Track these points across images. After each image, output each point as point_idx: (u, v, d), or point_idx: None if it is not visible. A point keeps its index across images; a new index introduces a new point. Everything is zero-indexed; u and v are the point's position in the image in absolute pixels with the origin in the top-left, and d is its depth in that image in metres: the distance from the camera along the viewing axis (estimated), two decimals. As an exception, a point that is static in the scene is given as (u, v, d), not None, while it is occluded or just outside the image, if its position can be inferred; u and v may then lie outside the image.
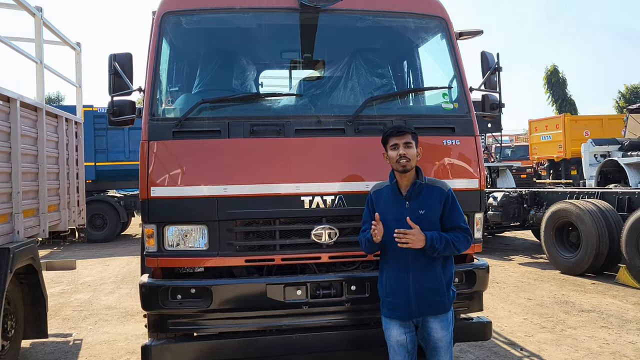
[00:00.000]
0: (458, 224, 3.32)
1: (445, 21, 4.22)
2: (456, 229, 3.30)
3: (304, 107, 4.06)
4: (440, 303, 3.30)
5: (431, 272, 3.27)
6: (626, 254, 7.89)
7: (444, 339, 3.30)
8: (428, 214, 3.26)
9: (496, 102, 4.37)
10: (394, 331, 3.33)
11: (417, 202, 3.29)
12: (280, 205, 3.69)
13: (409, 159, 3.25)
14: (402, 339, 3.31)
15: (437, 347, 3.30)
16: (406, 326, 3.32)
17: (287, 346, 3.73)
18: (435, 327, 3.29)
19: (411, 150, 3.28)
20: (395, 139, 3.30)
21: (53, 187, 5.89)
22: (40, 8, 5.63)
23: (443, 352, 3.31)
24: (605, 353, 5.09)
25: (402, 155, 3.24)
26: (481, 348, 5.31)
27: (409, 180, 3.32)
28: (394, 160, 3.28)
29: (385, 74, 4.41)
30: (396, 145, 3.28)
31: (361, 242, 3.40)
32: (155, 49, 3.87)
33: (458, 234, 3.28)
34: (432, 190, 3.32)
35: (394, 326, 3.33)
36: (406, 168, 3.26)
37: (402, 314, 3.29)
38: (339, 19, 4.16)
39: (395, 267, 3.29)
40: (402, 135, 3.29)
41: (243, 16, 4.11)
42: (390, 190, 3.35)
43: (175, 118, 3.76)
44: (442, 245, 3.18)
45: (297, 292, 3.66)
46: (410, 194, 3.30)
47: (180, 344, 3.72)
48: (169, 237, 3.65)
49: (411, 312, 3.27)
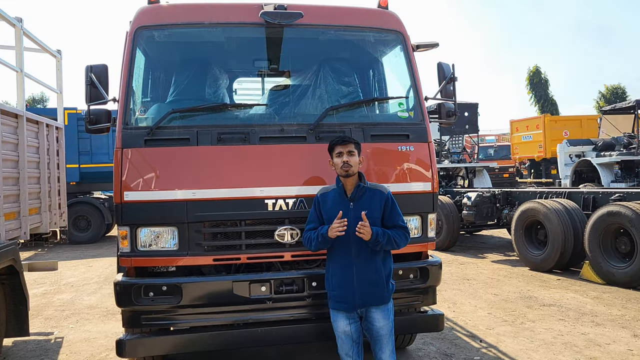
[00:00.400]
0: (397, 222, 3.66)
1: (402, 35, 4.52)
2: (396, 227, 3.64)
3: (269, 116, 4.33)
4: (381, 294, 3.62)
5: (372, 266, 3.60)
6: (589, 250, 8.25)
7: (385, 327, 3.62)
8: (370, 213, 3.58)
9: (452, 109, 4.68)
10: (340, 322, 3.64)
11: (360, 203, 3.62)
12: (246, 207, 3.97)
13: (351, 166, 3.58)
14: (348, 330, 3.63)
15: (380, 335, 3.62)
16: (351, 317, 3.64)
17: (253, 339, 4.01)
18: (377, 317, 3.61)
19: (354, 158, 3.60)
20: (340, 147, 3.62)
21: (34, 191, 6.11)
22: (21, 19, 5.84)
23: (385, 339, 3.63)
24: (557, 343, 5.43)
25: (345, 162, 3.57)
26: (443, 340, 5.62)
27: (353, 184, 3.65)
28: (338, 167, 3.62)
29: (347, 83, 4.69)
30: (341, 153, 3.61)
31: (309, 240, 3.67)
32: (128, 62, 4.11)
33: (398, 232, 3.63)
34: (374, 193, 3.66)
35: (340, 318, 3.64)
36: (348, 173, 3.59)
37: (347, 305, 3.61)
38: (303, 33, 4.44)
39: (340, 263, 3.61)
40: (346, 144, 3.62)
41: (212, 30, 4.38)
42: (337, 193, 3.67)
43: (147, 127, 4.02)
44: (384, 239, 3.53)
45: (262, 288, 3.94)
46: (354, 195, 3.63)
47: (153, 338, 3.99)
48: (142, 238, 3.91)
49: (355, 304, 3.59)
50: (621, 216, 7.74)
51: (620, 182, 14.18)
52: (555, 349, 5.27)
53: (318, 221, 3.68)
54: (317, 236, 3.60)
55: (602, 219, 8.05)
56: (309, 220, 3.74)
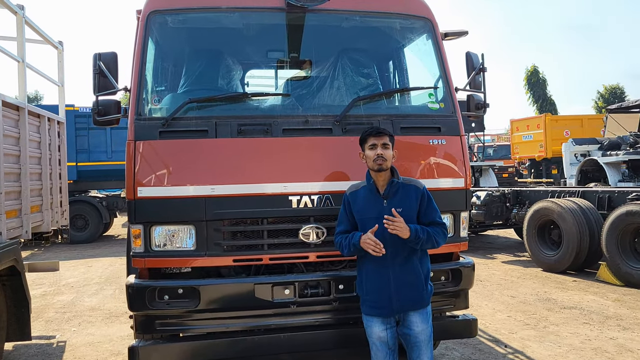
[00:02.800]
0: (434, 219, 3.40)
1: (431, 22, 4.27)
2: (433, 224, 3.38)
3: (291, 106, 4.06)
4: (420, 297, 3.36)
5: (410, 268, 3.33)
6: (606, 251, 8.03)
7: (425, 332, 3.35)
8: (405, 211, 3.32)
9: (481, 102, 4.43)
10: (375, 328, 3.37)
11: (394, 200, 3.35)
12: (268, 205, 3.69)
13: (385, 159, 3.31)
14: (384, 336, 3.35)
15: (418, 341, 3.35)
16: (387, 322, 3.37)
17: (275, 346, 3.74)
18: (416, 320, 3.34)
19: (388, 152, 3.34)
20: (374, 139, 3.35)
21: (36, 188, 5.83)
22: (22, 6, 5.56)
23: (424, 345, 3.36)
24: (587, 349, 5.18)
25: (379, 155, 3.30)
26: (466, 345, 5.37)
27: (386, 180, 3.38)
28: (371, 160, 3.34)
29: (372, 73, 4.45)
30: (374, 145, 3.33)
31: (340, 246, 3.42)
32: (141, 48, 3.85)
33: (436, 229, 3.37)
34: (408, 188, 3.39)
35: (376, 323, 3.37)
36: (382, 167, 3.32)
37: (383, 311, 3.34)
38: (326, 19, 4.18)
39: (375, 265, 3.33)
40: (381, 136, 3.35)
41: (229, 16, 4.11)
42: (368, 190, 3.40)
43: (162, 118, 3.74)
44: (425, 235, 3.26)
45: (285, 291, 3.67)
46: (387, 192, 3.36)
47: (168, 344, 3.71)
48: (156, 237, 3.64)
49: (392, 309, 3.32)
50: (641, 216, 7.51)
51: (628, 182, 13.99)
52: (585, 355, 5.02)
53: (348, 222, 3.42)
54: (348, 245, 3.33)
55: (621, 219, 7.82)
56: (339, 221, 3.47)
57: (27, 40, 5.95)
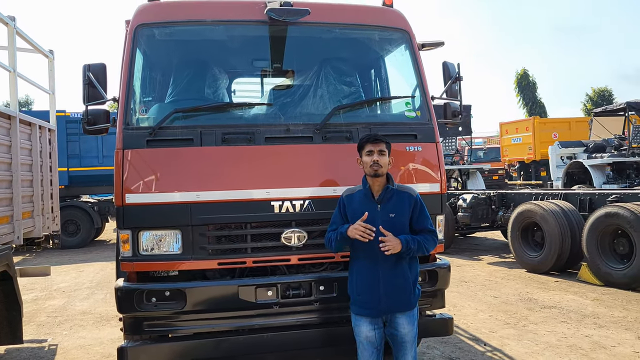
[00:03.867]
0: (426, 226, 3.56)
1: (408, 33, 4.44)
2: (424, 232, 3.54)
3: (274, 115, 4.23)
4: (407, 300, 3.52)
5: (399, 271, 3.49)
6: (587, 252, 8.24)
7: (410, 334, 3.52)
8: (398, 217, 3.48)
9: (457, 109, 4.62)
10: (363, 328, 3.52)
11: (388, 206, 3.50)
12: (251, 210, 3.86)
13: (381, 166, 3.47)
14: (371, 335, 3.51)
15: (404, 342, 3.51)
16: (375, 323, 3.52)
17: (259, 345, 3.89)
18: (402, 322, 3.51)
19: (384, 158, 3.49)
20: (371, 145, 3.51)
21: (27, 194, 5.94)
22: (14, 17, 5.68)
23: (409, 346, 3.53)
24: (562, 346, 5.37)
25: (375, 161, 3.46)
26: (447, 344, 5.54)
27: (381, 186, 3.53)
28: (367, 165, 3.49)
29: (352, 83, 4.61)
30: (371, 151, 3.49)
31: (329, 240, 3.57)
32: (129, 60, 3.99)
33: (427, 236, 3.53)
34: (402, 195, 3.55)
35: (364, 323, 3.52)
36: (378, 173, 3.47)
37: (372, 311, 3.50)
38: (307, 31, 4.34)
39: (366, 267, 3.49)
40: (378, 143, 3.51)
41: (214, 28, 4.27)
42: (363, 194, 3.55)
43: (149, 127, 3.89)
44: (415, 245, 3.43)
45: (268, 292, 3.83)
46: (382, 198, 3.51)
47: (156, 345, 3.85)
48: (144, 242, 3.78)
49: (381, 310, 3.48)
50: (619, 217, 7.73)
51: (612, 184, 14.25)
52: (561, 352, 5.21)
53: (341, 223, 3.56)
54: (337, 235, 3.49)
55: (600, 220, 8.04)
56: (332, 221, 3.63)
57: (19, 49, 6.06)
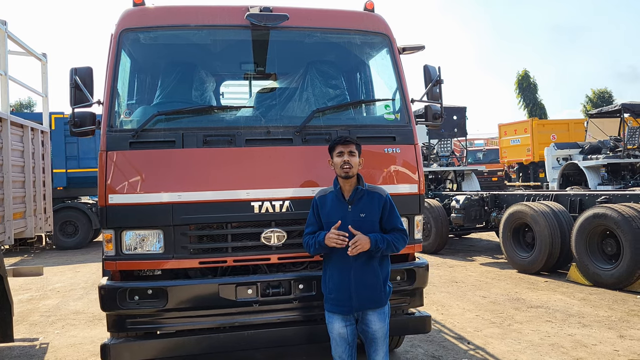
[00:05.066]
0: (396, 225, 3.64)
1: (388, 37, 4.53)
2: (395, 231, 3.63)
3: (255, 118, 4.32)
4: (378, 297, 3.60)
5: (370, 270, 3.58)
6: (576, 252, 8.30)
7: (381, 330, 3.60)
8: (368, 217, 3.57)
9: (438, 112, 4.70)
10: (336, 324, 3.61)
11: (358, 206, 3.60)
12: (232, 210, 3.95)
13: (351, 166, 3.56)
14: (344, 332, 3.60)
15: (375, 338, 3.60)
16: (347, 320, 3.61)
17: (239, 342, 3.99)
18: (373, 319, 3.59)
19: (354, 159, 3.59)
20: (342, 147, 3.60)
21: (19, 195, 6.05)
22: (5, 22, 5.80)
23: (380, 342, 3.61)
24: (544, 345, 5.45)
25: (345, 162, 3.55)
26: (431, 342, 5.62)
27: (352, 186, 3.62)
28: (338, 166, 3.59)
29: (333, 86, 4.69)
30: (342, 152, 3.59)
31: (307, 245, 3.66)
32: (113, 64, 4.09)
33: (397, 235, 3.62)
34: (372, 195, 3.63)
35: (336, 320, 3.62)
36: (349, 174, 3.56)
37: (344, 308, 3.58)
38: (289, 35, 4.44)
39: (338, 266, 3.58)
40: (348, 144, 3.60)
41: (198, 33, 4.36)
42: (335, 195, 3.64)
43: (132, 129, 3.99)
44: (384, 245, 3.51)
45: (248, 291, 3.92)
46: (352, 198, 3.60)
47: (139, 342, 3.95)
48: (127, 241, 3.88)
49: (352, 307, 3.57)
50: (607, 218, 7.80)
51: (607, 185, 14.33)
52: (542, 350, 5.28)
53: (317, 224, 3.65)
54: (314, 243, 3.57)
55: (589, 221, 8.11)
56: (308, 223, 3.72)
57: (11, 52, 6.19)
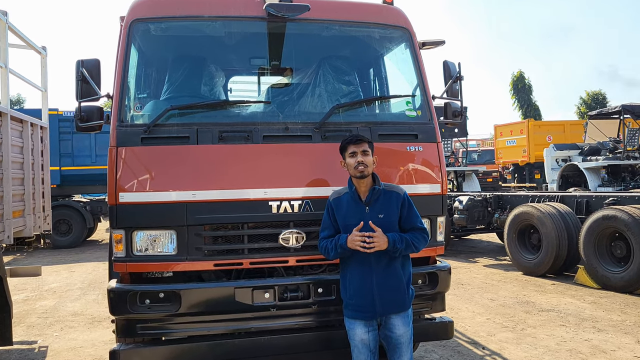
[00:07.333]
0: (415, 224, 3.49)
1: (409, 31, 4.37)
2: (414, 230, 3.47)
3: (272, 113, 4.14)
4: (402, 301, 3.45)
5: (392, 272, 3.42)
6: (584, 255, 8.20)
7: (406, 335, 3.44)
8: (387, 217, 3.42)
9: (458, 109, 4.53)
10: (358, 330, 3.44)
11: (376, 207, 3.44)
12: (248, 210, 3.76)
13: (366, 166, 3.40)
14: (366, 338, 3.43)
15: (399, 344, 3.44)
16: (370, 325, 3.45)
17: (255, 348, 3.79)
18: (397, 323, 3.43)
19: (368, 158, 3.43)
20: (354, 146, 3.44)
21: (18, 193, 5.82)
22: (6, 12, 5.57)
23: (404, 347, 3.45)
24: (562, 350, 5.31)
25: (360, 162, 3.39)
26: (445, 347, 5.46)
27: (367, 187, 3.46)
28: (352, 167, 3.42)
29: (351, 81, 4.53)
30: (354, 152, 3.42)
31: (325, 249, 3.48)
32: (123, 55, 3.89)
33: (416, 234, 3.46)
34: (390, 195, 3.48)
35: (358, 326, 3.45)
36: (364, 174, 3.40)
37: (366, 314, 3.42)
38: (306, 28, 4.25)
39: (358, 269, 3.41)
40: (360, 143, 3.44)
41: (211, 24, 4.17)
42: (350, 197, 3.48)
43: (144, 124, 3.79)
44: (403, 244, 3.35)
45: (265, 295, 3.73)
46: (369, 199, 3.44)
47: (149, 348, 3.74)
48: (138, 242, 3.68)
49: (375, 312, 3.40)
50: (617, 220, 7.69)
51: (607, 187, 14.26)
52: (560, 356, 5.15)
53: (333, 228, 3.49)
54: (335, 247, 3.40)
55: (598, 223, 8.00)
56: (323, 227, 3.55)
57: (11, 45, 5.96)
